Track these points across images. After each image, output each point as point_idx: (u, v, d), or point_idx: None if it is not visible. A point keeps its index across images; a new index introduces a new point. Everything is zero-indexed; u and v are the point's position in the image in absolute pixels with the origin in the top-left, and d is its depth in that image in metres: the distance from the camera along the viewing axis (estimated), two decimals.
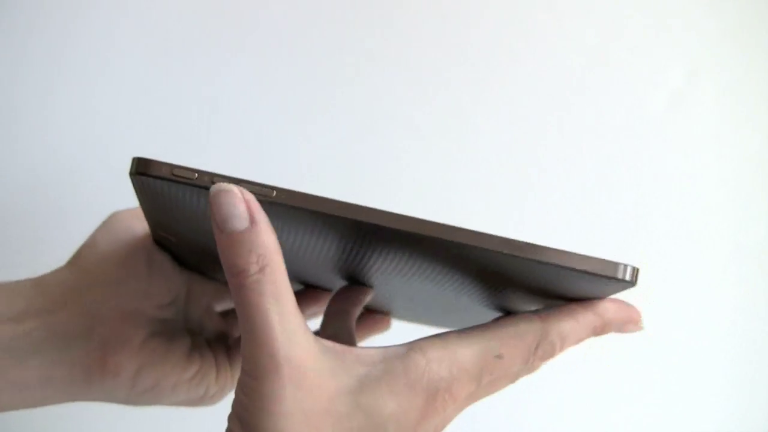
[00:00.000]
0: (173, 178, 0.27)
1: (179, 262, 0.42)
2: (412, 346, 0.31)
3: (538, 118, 0.68)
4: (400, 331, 0.44)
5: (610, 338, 0.68)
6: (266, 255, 0.27)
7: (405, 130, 0.68)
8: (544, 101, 0.68)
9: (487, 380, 0.31)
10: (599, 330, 0.35)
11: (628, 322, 0.36)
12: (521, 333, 0.32)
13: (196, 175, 0.28)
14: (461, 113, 0.68)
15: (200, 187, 0.27)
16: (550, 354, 0.33)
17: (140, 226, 0.41)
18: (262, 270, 0.27)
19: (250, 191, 0.28)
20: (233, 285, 0.28)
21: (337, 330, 0.37)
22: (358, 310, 0.39)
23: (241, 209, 0.27)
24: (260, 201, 0.28)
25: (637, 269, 0.30)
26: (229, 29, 0.68)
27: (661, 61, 0.68)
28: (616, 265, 0.32)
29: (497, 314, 0.39)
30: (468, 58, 0.68)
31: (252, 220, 0.28)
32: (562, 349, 0.34)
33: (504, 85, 0.68)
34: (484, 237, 0.29)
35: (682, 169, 0.68)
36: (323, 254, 0.33)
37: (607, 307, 0.35)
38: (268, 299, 0.27)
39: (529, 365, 0.33)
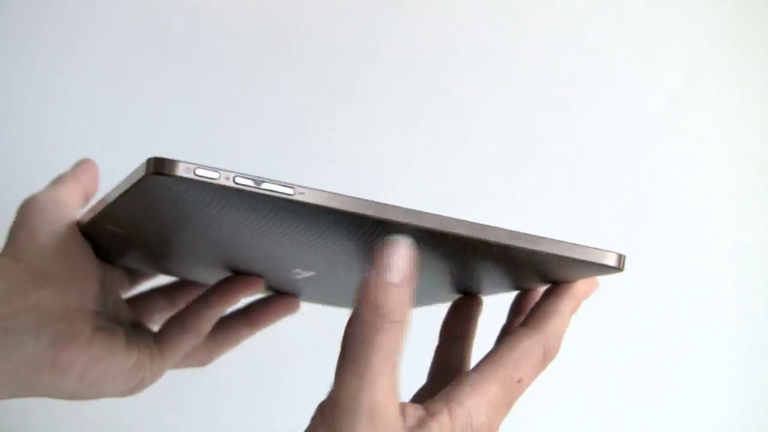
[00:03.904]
0: (195, 177, 0.27)
1: (99, 251, 0.42)
2: (449, 400, 0.33)
3: (538, 118, 0.68)
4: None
5: (610, 339, 0.68)
6: (407, 315, 0.31)
7: (405, 129, 0.68)
8: (544, 101, 0.68)
9: (514, 402, 0.35)
10: (575, 308, 0.38)
11: (591, 291, 0.39)
12: (529, 351, 0.35)
13: (218, 174, 0.27)
14: (461, 113, 0.68)
15: (222, 186, 0.27)
16: (555, 354, 0.36)
17: (67, 214, 0.41)
18: (401, 322, 0.30)
19: (272, 189, 0.28)
20: (370, 320, 0.30)
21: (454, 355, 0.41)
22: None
23: (406, 266, 0.30)
24: (282, 199, 0.28)
25: (624, 256, 0.32)
26: (228, 29, 0.68)
27: (661, 61, 0.68)
28: (606, 253, 0.34)
29: (451, 294, 0.42)
30: (468, 58, 0.68)
31: (407, 280, 0.30)
32: (560, 344, 0.37)
33: (504, 84, 0.68)
34: (489, 229, 0.31)
35: (682, 169, 0.68)
36: (302, 245, 0.34)
37: (578, 290, 0.38)
38: (394, 347, 0.30)
39: (541, 372, 0.36)
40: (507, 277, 0.37)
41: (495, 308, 0.43)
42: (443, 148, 0.68)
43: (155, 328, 0.46)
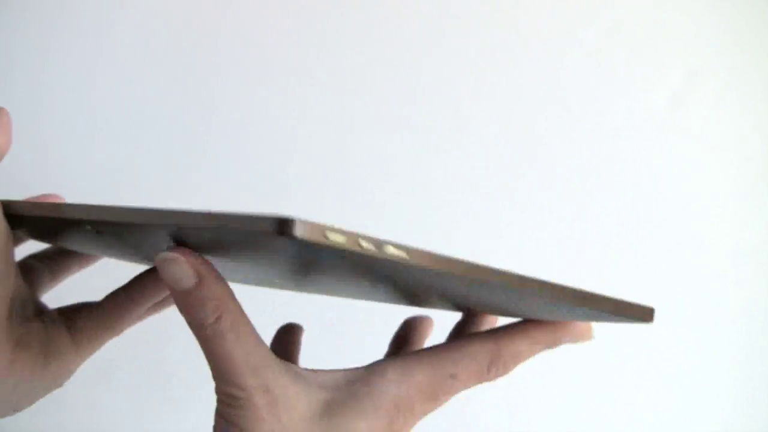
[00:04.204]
0: (323, 241, 0.25)
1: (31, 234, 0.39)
2: (373, 369, 0.33)
3: (538, 118, 0.68)
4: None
5: (612, 338, 0.68)
6: (219, 303, 0.30)
7: (404, 129, 0.68)
8: (544, 101, 0.68)
9: (444, 398, 0.34)
10: (552, 345, 0.36)
11: (580, 337, 0.37)
12: (474, 354, 0.34)
13: (346, 239, 0.26)
14: (461, 113, 0.68)
15: (344, 249, 0.26)
16: (503, 372, 0.35)
17: None
18: (218, 318, 0.30)
19: (392, 254, 0.27)
20: (198, 338, 0.30)
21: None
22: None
23: (186, 270, 0.29)
24: (390, 262, 0.27)
25: (653, 309, 0.32)
26: (228, 29, 0.68)
27: (661, 61, 0.68)
28: (638, 307, 0.33)
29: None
30: (468, 58, 0.68)
31: (199, 276, 0.29)
32: (515, 365, 0.35)
33: (504, 84, 0.68)
34: (505, 275, 0.30)
35: (682, 169, 0.68)
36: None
37: (563, 328, 0.36)
38: (229, 341, 0.30)
39: (483, 381, 0.35)
40: (505, 308, 0.36)
41: None
42: (443, 148, 0.68)
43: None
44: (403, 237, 0.69)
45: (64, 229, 0.35)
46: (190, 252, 0.30)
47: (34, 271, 0.42)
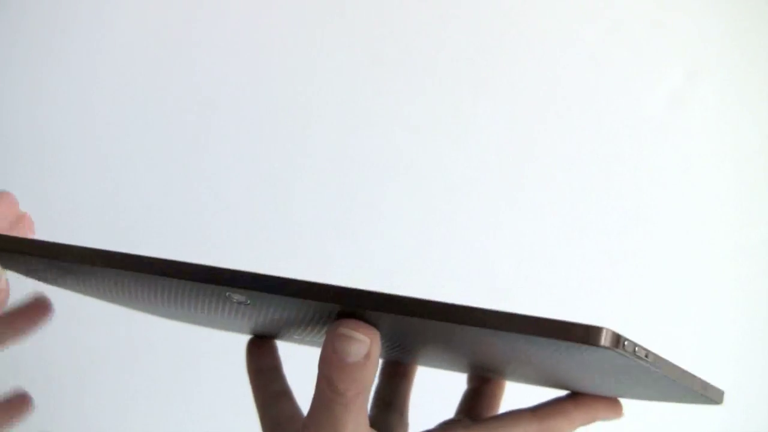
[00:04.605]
0: (632, 355, 0.28)
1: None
2: None
3: (538, 118, 0.68)
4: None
5: None
6: (367, 382, 0.31)
7: (404, 128, 0.68)
8: (544, 101, 0.68)
9: None
10: (589, 423, 0.39)
11: (614, 414, 0.40)
12: None
13: (646, 353, 0.29)
14: (461, 113, 0.68)
15: (633, 359, 0.28)
16: None
17: None
18: (357, 395, 0.31)
19: (654, 359, 0.30)
20: (325, 395, 0.31)
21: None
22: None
23: (362, 349, 0.31)
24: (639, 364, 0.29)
25: (723, 392, 0.33)
26: (227, 29, 0.68)
27: (661, 61, 0.68)
28: (715, 390, 0.35)
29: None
30: (468, 58, 0.68)
31: (368, 356, 0.31)
32: None
33: (504, 84, 0.68)
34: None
35: (682, 169, 0.68)
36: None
37: (599, 407, 0.39)
38: (351, 413, 0.32)
39: None
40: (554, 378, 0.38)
41: None
42: (442, 148, 0.68)
43: None
44: (403, 237, 0.69)
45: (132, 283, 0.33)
46: (373, 331, 0.31)
47: None
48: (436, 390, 0.44)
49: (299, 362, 0.46)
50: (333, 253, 0.68)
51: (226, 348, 0.51)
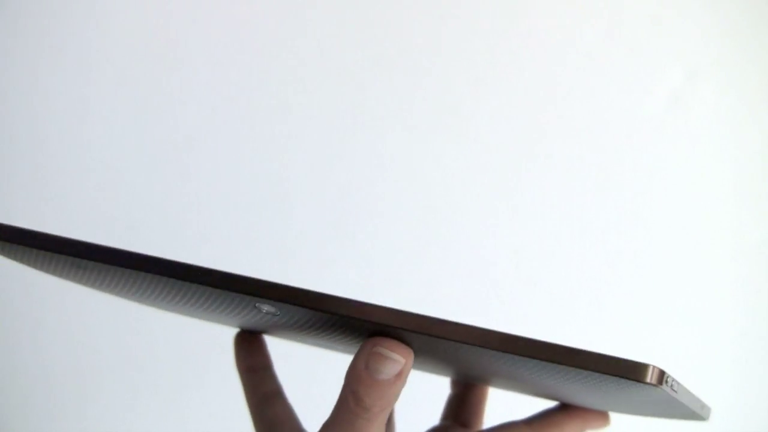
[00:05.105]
0: (670, 390, 0.29)
1: None
2: None
3: (538, 118, 0.68)
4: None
5: (611, 338, 0.68)
6: (392, 403, 0.31)
7: (404, 128, 0.68)
8: (544, 101, 0.68)
9: None
10: None
11: (603, 424, 0.40)
12: None
13: (677, 387, 0.29)
14: (461, 113, 0.68)
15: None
16: None
17: None
18: (381, 411, 0.31)
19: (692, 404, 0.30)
20: (349, 407, 0.31)
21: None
22: None
23: (396, 369, 0.31)
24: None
25: (709, 408, 0.34)
26: (227, 29, 0.68)
27: (661, 61, 0.68)
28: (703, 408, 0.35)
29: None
30: (467, 57, 0.68)
31: (399, 375, 0.31)
32: None
33: (504, 84, 0.68)
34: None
35: (682, 169, 0.68)
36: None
37: (589, 419, 0.39)
38: (373, 427, 0.32)
39: None
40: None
41: None
42: (442, 148, 0.68)
43: None
44: (402, 236, 0.69)
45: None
46: (408, 351, 0.31)
47: None
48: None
49: (296, 362, 0.46)
50: (333, 253, 0.68)
51: (228, 348, 0.51)
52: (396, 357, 0.30)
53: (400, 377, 0.30)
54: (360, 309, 0.28)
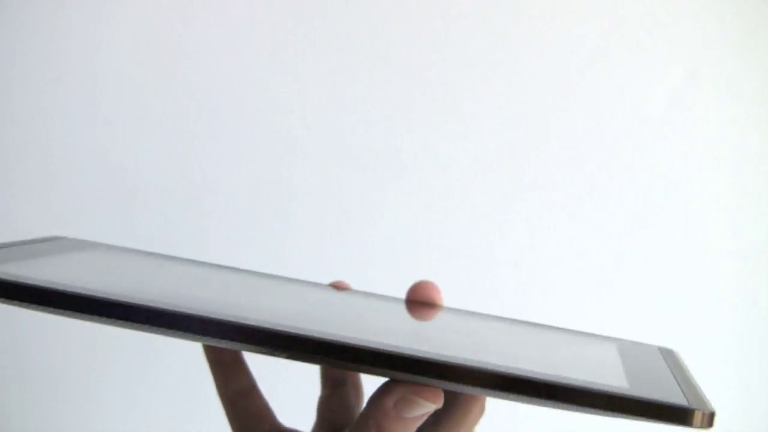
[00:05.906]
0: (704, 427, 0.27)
1: None
2: None
3: (538, 118, 0.68)
4: None
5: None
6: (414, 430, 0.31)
7: (403, 128, 0.68)
8: (544, 101, 0.68)
9: None
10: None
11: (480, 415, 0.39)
12: None
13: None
14: (460, 113, 0.68)
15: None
16: None
17: None
18: None
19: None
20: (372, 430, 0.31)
21: None
22: None
23: (422, 410, 0.31)
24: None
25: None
26: (227, 29, 0.68)
27: (661, 61, 0.68)
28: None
29: None
30: (467, 57, 0.68)
31: (426, 413, 0.31)
32: None
33: (503, 84, 0.68)
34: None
35: (682, 169, 0.68)
36: None
37: (474, 407, 0.38)
38: None
39: None
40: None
41: None
42: (441, 148, 0.68)
43: None
44: (402, 236, 0.69)
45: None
46: (438, 395, 0.30)
47: None
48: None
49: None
50: (333, 253, 0.68)
51: None
52: (427, 404, 0.30)
53: (427, 414, 0.31)
54: (400, 361, 0.27)
